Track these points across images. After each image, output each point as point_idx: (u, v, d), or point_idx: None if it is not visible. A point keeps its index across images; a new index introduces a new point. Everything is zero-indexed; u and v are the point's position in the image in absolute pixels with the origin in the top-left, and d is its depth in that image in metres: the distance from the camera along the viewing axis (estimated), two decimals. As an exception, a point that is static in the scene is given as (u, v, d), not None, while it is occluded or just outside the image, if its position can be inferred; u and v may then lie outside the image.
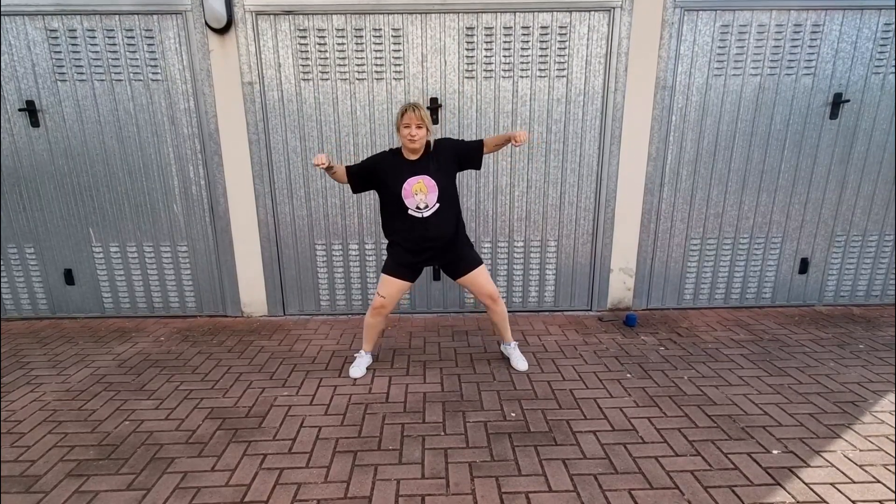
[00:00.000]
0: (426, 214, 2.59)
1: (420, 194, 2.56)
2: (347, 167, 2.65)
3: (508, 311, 3.86)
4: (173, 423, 2.44)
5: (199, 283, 3.85)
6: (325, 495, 1.92)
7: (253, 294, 3.85)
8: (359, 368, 2.91)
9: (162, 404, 2.61)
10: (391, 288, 2.76)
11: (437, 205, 2.59)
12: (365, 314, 3.84)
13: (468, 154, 2.66)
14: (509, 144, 2.62)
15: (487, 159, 3.60)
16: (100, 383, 2.85)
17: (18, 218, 3.69)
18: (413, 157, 2.58)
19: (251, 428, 2.38)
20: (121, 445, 2.26)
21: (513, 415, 2.47)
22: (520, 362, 2.95)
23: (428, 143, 2.60)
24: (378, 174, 2.63)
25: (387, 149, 2.74)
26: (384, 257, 3.75)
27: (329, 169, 2.53)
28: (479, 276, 2.78)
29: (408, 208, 2.59)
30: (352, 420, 2.43)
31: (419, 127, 2.47)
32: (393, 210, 2.66)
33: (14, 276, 3.83)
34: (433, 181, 2.56)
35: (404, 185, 2.55)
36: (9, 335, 3.60)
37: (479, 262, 2.79)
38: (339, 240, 3.76)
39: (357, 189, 2.72)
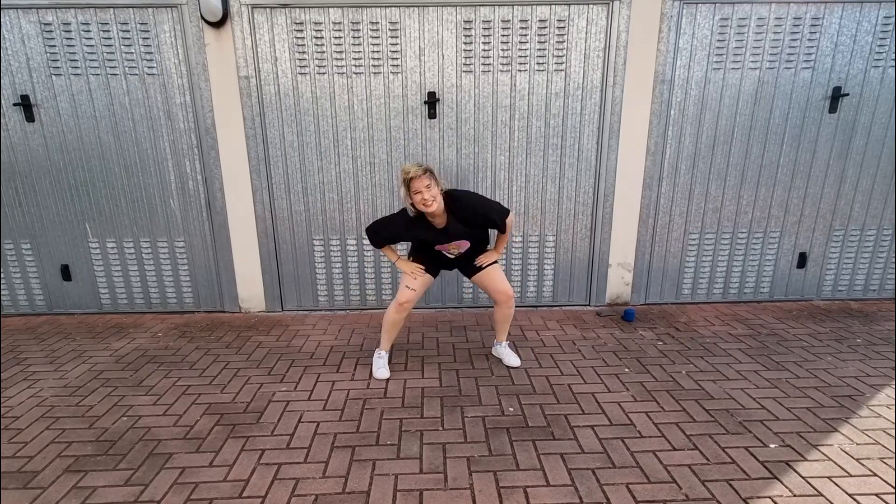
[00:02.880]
0: (456, 255, 2.77)
1: (454, 249, 2.72)
2: (382, 248, 2.77)
3: (507, 306, 3.92)
4: (171, 418, 2.44)
5: (197, 279, 3.84)
6: (323, 490, 1.92)
7: (251, 289, 3.85)
8: (385, 369, 2.84)
9: (160, 400, 2.61)
10: (418, 280, 2.74)
11: (468, 250, 2.76)
12: (366, 309, 3.88)
13: (491, 225, 2.65)
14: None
15: (485, 154, 3.59)
16: (97, 379, 2.85)
17: (14, 213, 3.67)
18: (439, 223, 2.53)
19: (249, 423, 2.38)
20: (118, 441, 2.25)
21: (511, 410, 2.47)
22: (512, 359, 2.94)
23: (446, 198, 2.46)
24: (406, 237, 2.75)
25: (399, 213, 2.61)
26: (382, 253, 3.75)
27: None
28: (495, 272, 2.80)
29: (440, 252, 2.77)
30: (350, 415, 2.43)
31: (428, 188, 2.34)
32: (423, 248, 2.79)
33: (11, 273, 3.81)
34: (466, 242, 2.69)
35: (440, 246, 2.70)
36: (6, 331, 3.59)
37: (495, 259, 2.87)
38: (336, 235, 3.75)
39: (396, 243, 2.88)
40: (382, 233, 2.67)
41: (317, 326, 3.60)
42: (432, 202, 2.36)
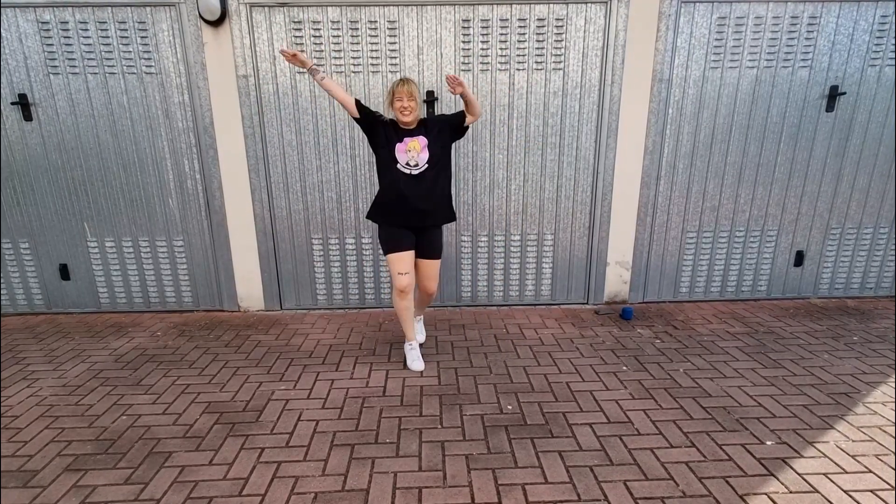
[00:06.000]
0: (414, 173, 2.66)
1: (413, 151, 2.65)
2: (357, 99, 2.69)
3: (505, 305, 3.93)
4: (171, 417, 2.44)
5: (196, 278, 3.84)
6: (322, 488, 1.93)
7: (249, 288, 3.85)
8: (419, 361, 2.92)
9: (159, 399, 2.62)
10: (404, 262, 2.77)
11: (427, 166, 2.67)
12: (365, 308, 3.89)
13: (455, 122, 2.75)
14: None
15: (484, 152, 3.60)
16: (96, 378, 2.85)
17: (13, 212, 3.67)
18: (407, 128, 2.69)
19: (249, 422, 2.39)
20: (118, 440, 2.26)
21: (509, 408, 2.48)
22: (420, 335, 3.10)
23: (419, 119, 2.72)
24: (375, 126, 2.69)
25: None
26: (381, 250, 3.75)
27: (313, 71, 2.56)
28: (437, 267, 2.94)
29: (397, 162, 2.66)
30: (349, 413, 2.44)
31: (411, 99, 2.57)
32: (385, 164, 2.71)
33: (9, 272, 3.81)
34: (426, 141, 2.66)
35: (399, 142, 2.65)
36: (5, 331, 3.59)
37: (441, 255, 2.94)
38: (335, 234, 3.76)
39: (358, 117, 2.69)
40: (371, 109, 2.73)
41: (315, 325, 3.61)
42: (409, 114, 2.59)
